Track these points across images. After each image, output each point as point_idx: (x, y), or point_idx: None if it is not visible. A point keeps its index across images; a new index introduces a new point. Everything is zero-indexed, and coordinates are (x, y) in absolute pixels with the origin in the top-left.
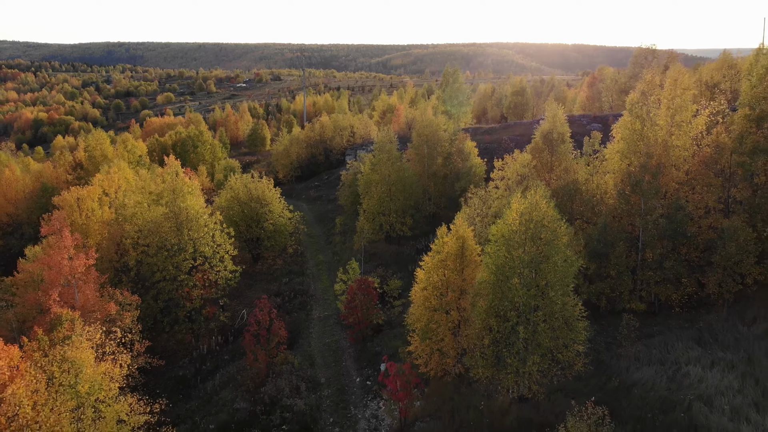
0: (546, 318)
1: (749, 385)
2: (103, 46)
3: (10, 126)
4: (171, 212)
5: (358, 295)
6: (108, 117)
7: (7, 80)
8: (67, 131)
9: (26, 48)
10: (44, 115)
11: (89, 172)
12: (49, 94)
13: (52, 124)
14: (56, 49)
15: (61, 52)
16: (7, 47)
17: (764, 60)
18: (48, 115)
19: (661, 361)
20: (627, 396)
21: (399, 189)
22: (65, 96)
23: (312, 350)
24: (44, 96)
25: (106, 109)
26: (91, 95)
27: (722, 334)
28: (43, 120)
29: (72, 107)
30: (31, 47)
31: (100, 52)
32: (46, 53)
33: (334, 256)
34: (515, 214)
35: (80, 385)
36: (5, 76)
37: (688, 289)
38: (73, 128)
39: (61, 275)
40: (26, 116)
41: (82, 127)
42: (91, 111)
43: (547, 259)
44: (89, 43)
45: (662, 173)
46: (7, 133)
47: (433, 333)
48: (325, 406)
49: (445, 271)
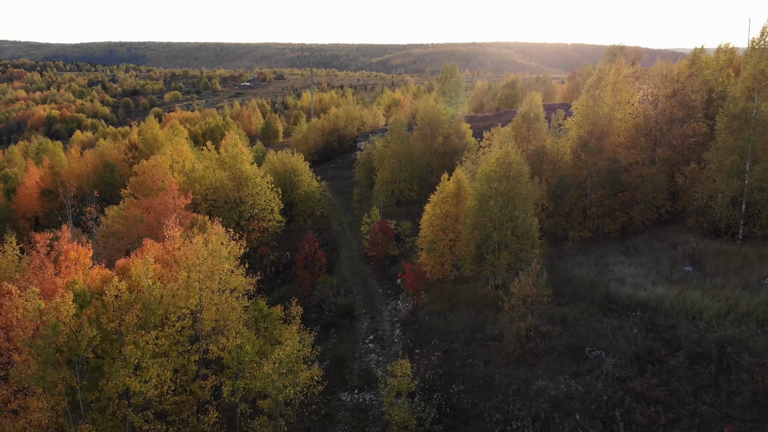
0: (512, 229)
1: (652, 273)
2: (105, 46)
3: (23, 123)
4: (233, 174)
5: (378, 234)
6: (117, 114)
7: (14, 79)
8: (80, 128)
9: (28, 48)
10: (56, 112)
11: (143, 152)
12: (57, 92)
13: (64, 121)
14: (58, 49)
15: (63, 51)
16: (8, 47)
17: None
18: (60, 112)
19: (596, 264)
20: (569, 282)
21: (407, 162)
22: (74, 94)
23: (344, 275)
24: (53, 94)
25: (115, 107)
26: (99, 94)
27: (642, 248)
28: (55, 117)
29: (82, 105)
30: (32, 47)
31: (102, 51)
32: (47, 53)
33: (353, 218)
34: (494, 159)
35: (216, 259)
36: (11, 76)
37: (621, 220)
38: (86, 125)
39: (169, 209)
40: (39, 114)
41: (94, 123)
42: (101, 109)
43: (514, 189)
44: (91, 42)
45: (605, 138)
46: (20, 130)
47: (436, 247)
48: (358, 304)
49: (445, 204)
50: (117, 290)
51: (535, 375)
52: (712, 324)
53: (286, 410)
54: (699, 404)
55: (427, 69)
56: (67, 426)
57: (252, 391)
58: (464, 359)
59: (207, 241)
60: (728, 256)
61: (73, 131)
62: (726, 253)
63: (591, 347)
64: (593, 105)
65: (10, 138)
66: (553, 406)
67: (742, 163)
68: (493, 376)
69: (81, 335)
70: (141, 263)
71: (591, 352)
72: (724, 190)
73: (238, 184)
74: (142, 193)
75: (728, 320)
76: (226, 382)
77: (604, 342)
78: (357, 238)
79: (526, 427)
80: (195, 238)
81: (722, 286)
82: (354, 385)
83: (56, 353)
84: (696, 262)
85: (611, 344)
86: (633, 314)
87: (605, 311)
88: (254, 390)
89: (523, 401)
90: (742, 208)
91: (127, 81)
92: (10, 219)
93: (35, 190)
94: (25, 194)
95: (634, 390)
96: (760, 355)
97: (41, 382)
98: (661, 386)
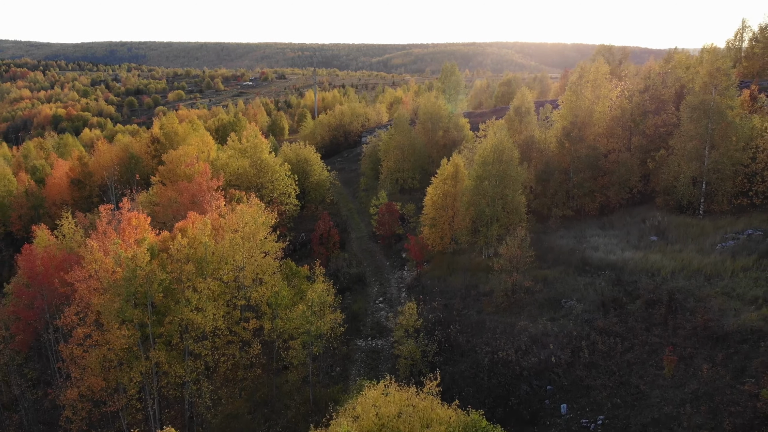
0: (503, 205)
1: (622, 242)
2: (106, 46)
3: (30, 122)
4: (254, 162)
5: (386, 214)
6: (122, 113)
7: (17, 78)
8: (85, 126)
9: (29, 47)
10: (63, 111)
11: (164, 145)
12: (62, 91)
13: (70, 120)
14: (59, 49)
15: (64, 51)
16: (9, 47)
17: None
18: (66, 111)
19: (575, 236)
20: (551, 251)
21: (410, 153)
22: (78, 93)
23: (355, 251)
24: (58, 93)
25: (120, 105)
26: (103, 93)
27: (616, 223)
28: (61, 116)
29: (87, 104)
30: (33, 47)
31: (103, 51)
32: (48, 53)
33: (360, 205)
34: (489, 145)
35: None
36: (14, 75)
37: (600, 200)
38: (92, 123)
39: (203, 190)
40: (45, 112)
41: (100, 122)
42: (106, 107)
43: (506, 171)
44: (91, 42)
45: (586, 128)
46: (26, 128)
47: (437, 223)
48: (368, 273)
49: (445, 185)
50: (180, 245)
51: (518, 319)
52: (667, 278)
53: (316, 342)
54: (650, 336)
55: (428, 69)
56: (140, 354)
57: (285, 332)
58: (460, 310)
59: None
60: (688, 228)
61: (79, 129)
62: (687, 225)
63: (566, 299)
64: (576, 99)
65: (17, 136)
66: (532, 341)
67: (701, 148)
68: (484, 321)
69: (153, 279)
70: (200, 224)
71: (566, 302)
72: (686, 171)
73: (259, 171)
74: (170, 180)
75: (681, 275)
76: (266, 323)
77: (577, 294)
78: (365, 222)
79: (510, 356)
80: (238, 207)
81: (680, 250)
82: (368, 334)
83: (134, 293)
84: (660, 233)
85: (583, 296)
86: (603, 273)
87: (580, 272)
88: (288, 330)
89: (508, 338)
90: (702, 187)
91: (130, 80)
92: (42, 206)
93: (65, 180)
94: (55, 184)
95: (598, 327)
96: (702, 300)
97: (122, 316)
98: (620, 324)
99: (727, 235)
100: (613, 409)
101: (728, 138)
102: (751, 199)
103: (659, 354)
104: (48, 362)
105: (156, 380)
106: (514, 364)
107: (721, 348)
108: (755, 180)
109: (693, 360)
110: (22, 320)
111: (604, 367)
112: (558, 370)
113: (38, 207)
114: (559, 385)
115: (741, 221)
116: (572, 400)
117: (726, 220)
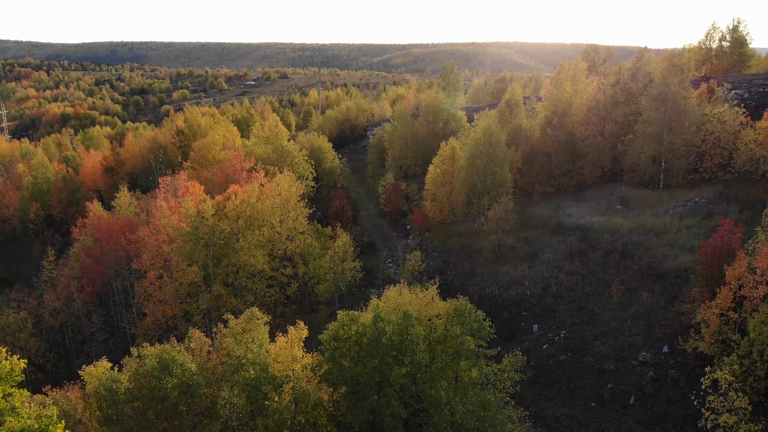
0: (492, 180)
1: (592, 210)
2: (107, 46)
3: (38, 120)
4: (276, 148)
5: (392, 193)
6: (129, 112)
7: (21, 78)
8: (93, 124)
9: (30, 47)
10: (70, 110)
11: (188, 136)
12: (67, 91)
13: (78, 118)
14: (60, 49)
15: (65, 51)
16: (10, 47)
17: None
18: (74, 110)
19: (554, 207)
20: (533, 219)
21: (413, 142)
22: (84, 93)
23: (365, 225)
24: (64, 93)
25: (126, 104)
26: (108, 92)
27: (589, 196)
28: (69, 114)
29: (93, 103)
30: (35, 47)
31: (104, 51)
32: (50, 53)
33: (368, 189)
34: (480, 129)
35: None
36: (19, 75)
37: (577, 179)
38: (99, 122)
39: (237, 170)
40: (54, 111)
41: (108, 120)
42: (113, 107)
43: (494, 151)
44: (92, 42)
45: (565, 117)
46: (35, 127)
47: (437, 197)
48: (378, 242)
49: (444, 165)
50: (233, 205)
51: (502, 267)
52: (624, 235)
53: (341, 278)
54: (605, 275)
55: (428, 68)
56: (202, 289)
57: (316, 276)
58: (456, 262)
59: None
60: (648, 198)
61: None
62: (647, 197)
63: (542, 252)
64: (557, 93)
65: (27, 134)
66: (513, 281)
67: (660, 132)
68: (475, 270)
69: (215, 228)
70: (249, 189)
71: (541, 255)
72: (648, 152)
73: (280, 156)
74: (200, 164)
75: (636, 233)
76: (300, 268)
77: (551, 248)
78: (373, 203)
79: (494, 292)
80: (275, 178)
81: (639, 215)
82: (379, 284)
83: (200, 240)
84: (625, 203)
85: (555, 249)
86: (573, 233)
87: (555, 233)
88: (318, 275)
89: (494, 280)
90: (661, 165)
91: (134, 80)
92: (79, 190)
93: (98, 168)
94: (87, 172)
95: (565, 270)
96: (649, 249)
97: (190, 257)
98: (582, 267)
99: (679, 203)
100: (573, 326)
101: (682, 123)
102: (701, 174)
103: (611, 287)
104: (110, 310)
105: (215, 310)
106: (497, 298)
107: (660, 282)
108: (705, 158)
109: (637, 291)
110: (90, 274)
111: (568, 297)
112: (532, 301)
113: (75, 192)
114: (532, 311)
115: (693, 192)
116: (542, 322)
117: (680, 191)
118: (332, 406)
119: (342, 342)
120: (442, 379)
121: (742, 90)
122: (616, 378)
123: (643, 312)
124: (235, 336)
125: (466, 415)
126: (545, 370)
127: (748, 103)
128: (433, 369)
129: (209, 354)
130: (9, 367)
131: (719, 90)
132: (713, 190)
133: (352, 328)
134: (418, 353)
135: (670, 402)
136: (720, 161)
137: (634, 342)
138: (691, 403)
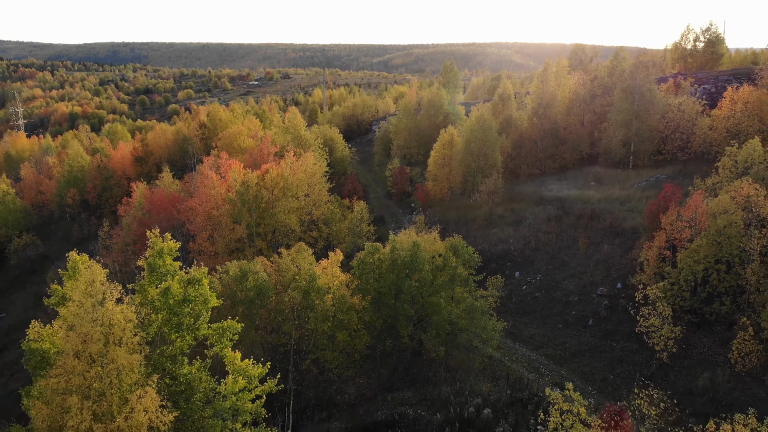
0: (485, 161)
1: (570, 186)
2: (108, 46)
3: (47, 119)
4: (294, 137)
5: (398, 176)
6: (135, 111)
7: (26, 78)
8: (101, 124)
9: (32, 48)
10: (78, 109)
11: (210, 129)
12: (73, 90)
13: (86, 117)
14: (62, 49)
15: (67, 51)
16: (12, 47)
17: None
18: (82, 109)
19: (538, 185)
20: (520, 194)
21: (415, 134)
22: (90, 92)
23: (374, 205)
24: (70, 92)
25: (132, 104)
26: (114, 92)
27: (569, 176)
28: (78, 114)
29: (100, 102)
30: (36, 47)
31: (105, 51)
32: (52, 53)
33: (375, 176)
34: (474, 117)
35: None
36: (23, 75)
37: (559, 162)
38: (107, 121)
39: (264, 154)
40: (62, 110)
41: (116, 119)
42: (119, 106)
43: (486, 136)
44: (94, 43)
45: (550, 108)
46: (43, 126)
47: (438, 178)
48: (386, 217)
49: (444, 149)
50: (271, 176)
51: (492, 231)
52: (594, 203)
53: (359, 236)
54: (574, 232)
55: (428, 69)
56: (247, 245)
57: (338, 238)
58: (454, 229)
59: (308, 158)
60: (618, 176)
61: (95, 126)
62: (618, 175)
63: (525, 219)
64: (542, 87)
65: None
66: (500, 240)
67: (629, 119)
68: (470, 233)
69: (257, 195)
70: (285, 163)
71: (524, 221)
72: (618, 136)
73: (299, 144)
74: (228, 153)
75: (604, 202)
76: (323, 229)
77: (533, 215)
78: (380, 187)
79: (485, 247)
80: (303, 156)
81: (608, 189)
82: None
83: (246, 204)
84: (598, 180)
85: (536, 216)
86: (552, 203)
87: (537, 204)
88: (339, 237)
89: (485, 239)
90: (630, 147)
91: (138, 80)
92: (112, 177)
93: (128, 158)
94: (118, 161)
95: (543, 230)
96: (612, 213)
97: (239, 217)
98: (557, 228)
99: (643, 179)
100: (547, 271)
101: (648, 112)
102: (664, 156)
103: (579, 242)
104: None
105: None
106: (487, 252)
107: (619, 238)
108: (667, 142)
109: (600, 244)
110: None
111: (544, 250)
112: (515, 254)
113: (109, 178)
114: (515, 262)
115: (657, 171)
116: (522, 269)
117: (646, 170)
118: (361, 310)
119: (368, 265)
120: (441, 292)
121: (709, 85)
122: (579, 307)
123: (603, 259)
124: (291, 258)
125: (458, 317)
126: (524, 304)
127: (715, 96)
128: (435, 286)
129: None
130: (167, 246)
131: (685, 84)
132: (673, 169)
133: (375, 255)
134: (424, 272)
135: (619, 322)
136: (680, 144)
137: (594, 281)
138: (635, 323)
